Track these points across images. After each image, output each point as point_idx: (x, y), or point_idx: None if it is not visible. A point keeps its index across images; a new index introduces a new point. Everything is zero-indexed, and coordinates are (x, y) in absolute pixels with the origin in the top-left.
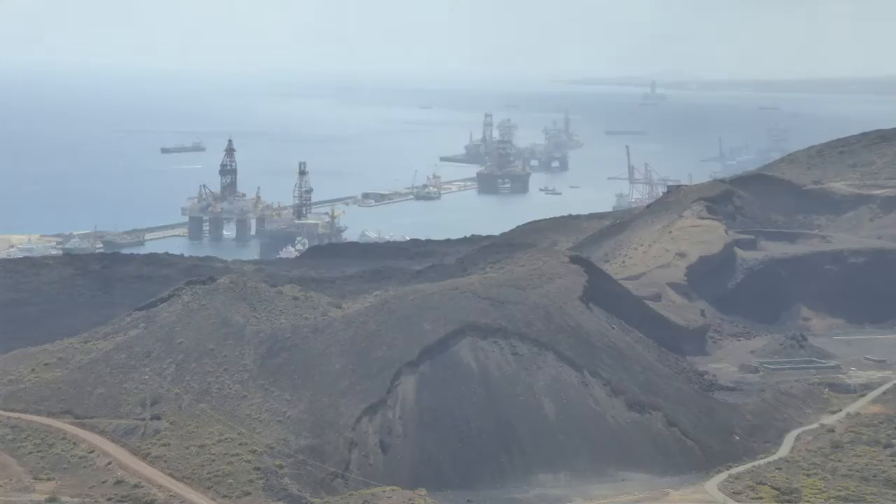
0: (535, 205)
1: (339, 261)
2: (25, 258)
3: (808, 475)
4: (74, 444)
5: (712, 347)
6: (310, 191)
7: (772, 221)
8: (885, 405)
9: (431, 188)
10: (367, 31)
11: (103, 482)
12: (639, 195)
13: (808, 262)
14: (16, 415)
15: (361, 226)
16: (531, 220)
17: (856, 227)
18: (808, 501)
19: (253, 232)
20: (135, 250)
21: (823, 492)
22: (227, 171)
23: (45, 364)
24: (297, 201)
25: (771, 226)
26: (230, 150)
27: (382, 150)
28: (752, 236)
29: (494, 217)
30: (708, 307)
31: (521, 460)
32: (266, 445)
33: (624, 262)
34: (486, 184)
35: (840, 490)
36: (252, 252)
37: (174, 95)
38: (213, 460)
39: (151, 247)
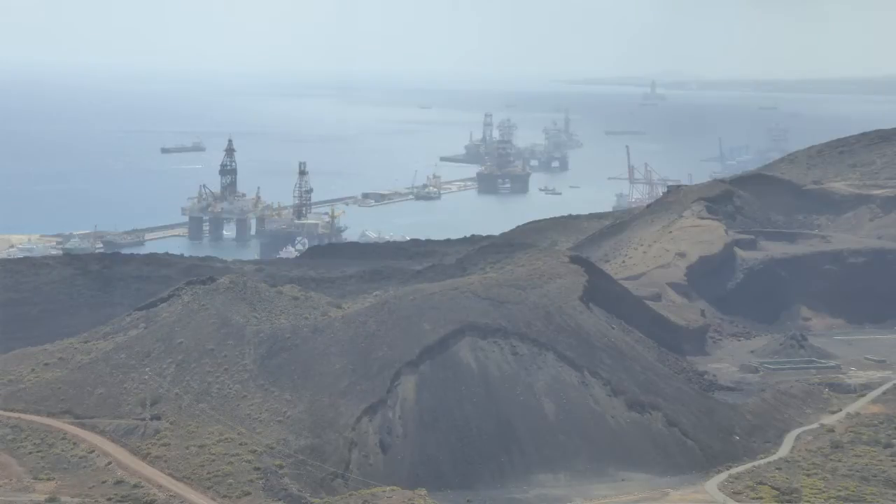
0: (535, 205)
1: (339, 261)
2: (25, 258)
3: (808, 475)
4: (74, 444)
5: (712, 347)
6: (310, 191)
7: (772, 221)
8: (885, 405)
9: (431, 188)
10: (368, 31)
11: (103, 482)
12: (639, 195)
13: (808, 262)
14: (16, 415)
15: (361, 226)
16: (531, 220)
17: (856, 227)
18: (808, 501)
19: (253, 232)
20: (135, 250)
21: (823, 492)
22: (227, 171)
23: (45, 364)
24: (297, 201)
25: (771, 226)
26: (230, 150)
27: (382, 150)
28: (752, 236)
29: (494, 217)
30: (708, 307)
31: (521, 460)
32: (266, 445)
33: (624, 262)
34: (486, 184)
35: (840, 490)
36: (252, 252)
37: (174, 95)
38: (213, 460)
39: (151, 247)
